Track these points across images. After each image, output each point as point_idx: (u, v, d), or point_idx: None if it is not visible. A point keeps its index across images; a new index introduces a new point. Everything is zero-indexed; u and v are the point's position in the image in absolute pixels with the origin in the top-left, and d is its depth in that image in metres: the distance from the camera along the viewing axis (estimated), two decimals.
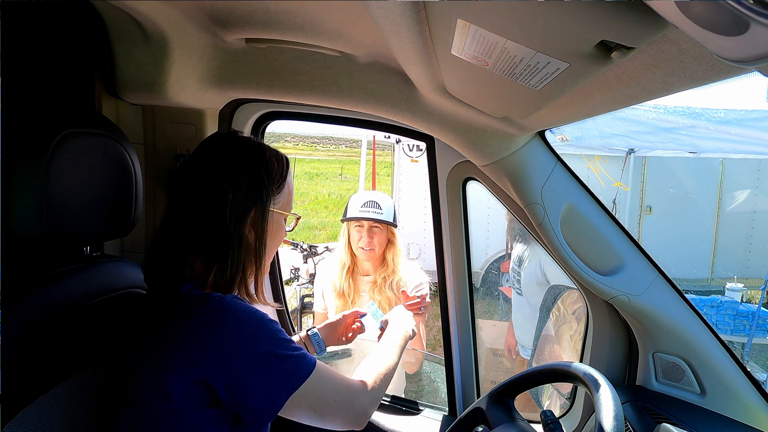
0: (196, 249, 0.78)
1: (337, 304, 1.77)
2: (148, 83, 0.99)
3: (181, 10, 0.85)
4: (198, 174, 0.79)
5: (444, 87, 0.84)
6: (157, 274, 0.80)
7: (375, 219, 1.72)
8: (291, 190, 0.88)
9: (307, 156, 24.97)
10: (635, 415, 1.00)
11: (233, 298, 0.73)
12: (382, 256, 1.77)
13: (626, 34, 0.40)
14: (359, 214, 1.73)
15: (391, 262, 1.76)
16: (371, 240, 1.72)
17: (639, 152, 5.61)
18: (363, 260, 1.77)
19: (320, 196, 14.85)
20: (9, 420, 0.63)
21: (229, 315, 0.70)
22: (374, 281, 1.76)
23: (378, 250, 1.74)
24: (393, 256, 1.76)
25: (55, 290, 0.75)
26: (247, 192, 0.78)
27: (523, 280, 2.28)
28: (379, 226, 1.73)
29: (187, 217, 0.77)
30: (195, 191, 0.78)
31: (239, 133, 0.88)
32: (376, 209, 1.74)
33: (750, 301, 5.19)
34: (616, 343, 1.15)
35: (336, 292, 1.77)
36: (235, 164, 0.79)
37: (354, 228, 1.75)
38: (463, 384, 1.30)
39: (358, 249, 1.74)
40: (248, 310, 0.72)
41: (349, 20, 0.81)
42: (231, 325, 0.69)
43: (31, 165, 0.70)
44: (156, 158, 1.19)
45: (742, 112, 5.71)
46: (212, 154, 0.81)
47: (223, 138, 0.85)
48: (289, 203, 0.88)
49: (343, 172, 19.22)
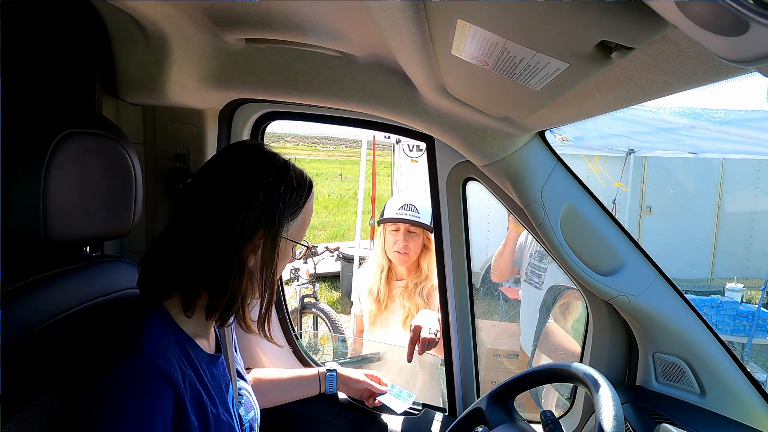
0: (191, 265, 0.72)
1: (372, 309, 1.74)
2: (148, 83, 0.99)
3: (181, 10, 0.85)
4: (211, 185, 0.74)
5: (444, 87, 0.84)
6: (146, 286, 0.77)
7: (412, 221, 1.68)
8: (307, 218, 0.81)
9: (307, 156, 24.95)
10: (635, 415, 1.00)
11: (141, 368, 0.65)
12: (417, 262, 1.72)
13: (626, 34, 0.40)
14: (396, 216, 1.69)
15: (426, 269, 1.72)
16: (407, 244, 1.68)
17: (639, 152, 5.61)
18: (397, 264, 1.73)
19: (320, 196, 14.84)
20: (9, 420, 0.63)
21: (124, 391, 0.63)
22: (406, 286, 1.73)
23: (413, 256, 1.70)
24: (428, 263, 1.72)
25: (55, 290, 0.75)
26: (260, 213, 0.73)
27: (549, 274, 2.22)
28: (415, 231, 1.69)
29: (191, 230, 0.73)
30: (204, 203, 0.74)
31: (266, 146, 0.80)
32: (413, 212, 1.70)
33: (750, 301, 5.19)
34: (616, 344, 1.15)
35: (372, 296, 1.74)
36: (253, 182, 0.73)
37: (390, 231, 1.71)
38: (463, 384, 1.30)
39: (393, 253, 1.70)
40: (139, 395, 0.64)
41: (349, 20, 0.81)
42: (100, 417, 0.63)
43: (31, 165, 0.70)
44: (156, 158, 1.19)
45: (742, 113, 5.71)
46: (231, 165, 0.75)
47: (247, 150, 0.78)
48: (302, 231, 0.81)
49: (343, 173, 19.21)
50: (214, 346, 0.86)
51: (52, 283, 0.75)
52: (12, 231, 0.70)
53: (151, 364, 0.66)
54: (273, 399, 1.17)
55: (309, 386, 1.21)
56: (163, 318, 0.74)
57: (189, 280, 0.74)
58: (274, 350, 1.40)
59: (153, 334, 0.70)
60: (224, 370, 0.84)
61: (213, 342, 0.86)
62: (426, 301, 1.71)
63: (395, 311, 1.77)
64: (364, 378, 1.24)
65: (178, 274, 0.74)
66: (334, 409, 1.27)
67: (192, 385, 0.72)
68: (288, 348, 1.43)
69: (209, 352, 0.81)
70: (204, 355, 0.78)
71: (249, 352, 1.36)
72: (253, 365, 1.35)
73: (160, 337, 0.71)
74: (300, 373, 1.23)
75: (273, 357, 1.39)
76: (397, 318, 1.76)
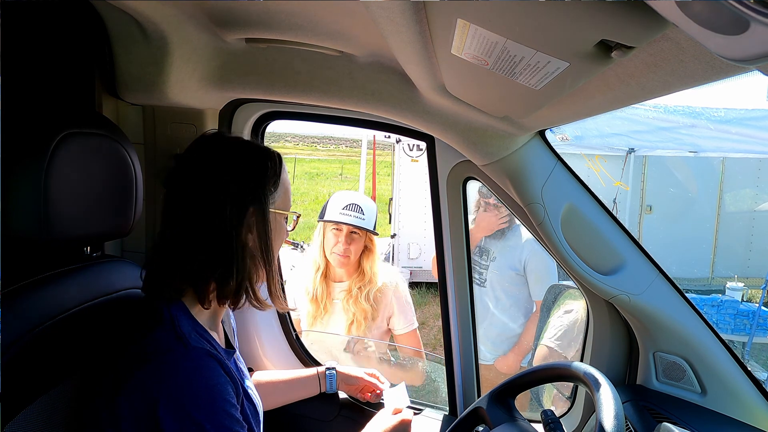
0: (195, 258, 0.74)
1: (310, 309, 1.67)
2: (148, 83, 0.99)
3: (181, 10, 0.85)
4: (190, 180, 0.76)
5: (444, 86, 0.84)
6: (151, 286, 0.78)
7: (355, 225, 1.60)
8: (288, 187, 0.85)
9: (307, 156, 24.96)
10: (636, 414, 1.00)
11: (191, 354, 0.68)
12: (357, 263, 1.65)
13: (626, 33, 0.40)
14: (339, 218, 1.61)
15: (369, 271, 1.65)
16: (348, 247, 1.60)
17: (639, 152, 5.62)
18: (335, 266, 1.66)
19: (320, 196, 14.84)
20: (9, 420, 0.63)
21: (176, 378, 0.65)
22: (349, 290, 1.66)
23: (353, 257, 1.62)
24: (371, 265, 1.65)
25: (56, 290, 0.75)
26: (241, 192, 0.76)
27: (491, 271, 2.20)
28: (358, 233, 1.61)
29: (187, 224, 0.75)
30: (188, 196, 0.76)
31: (222, 132, 0.85)
32: (358, 214, 1.62)
33: (750, 300, 5.20)
34: (617, 343, 1.15)
35: (309, 296, 1.67)
36: (224, 164, 0.76)
37: (331, 230, 1.63)
38: (464, 384, 1.30)
39: (332, 254, 1.62)
40: (200, 375, 0.67)
41: (349, 20, 0.81)
42: (174, 387, 0.65)
43: (31, 165, 0.70)
44: (156, 158, 1.19)
45: (742, 112, 5.72)
46: (201, 156, 0.78)
47: (209, 139, 0.82)
48: (287, 202, 0.85)
49: (343, 172, 19.22)
50: (224, 342, 0.88)
51: (53, 283, 0.75)
52: (12, 231, 0.70)
53: (202, 350, 0.69)
54: (273, 401, 1.17)
55: (309, 386, 1.21)
56: (185, 312, 0.75)
57: (197, 272, 0.75)
58: (274, 350, 1.40)
59: (184, 326, 0.72)
60: (237, 365, 0.86)
61: (223, 337, 0.88)
62: (374, 306, 1.64)
63: (336, 313, 1.69)
64: (363, 375, 1.24)
65: (186, 268, 0.75)
66: (334, 409, 1.27)
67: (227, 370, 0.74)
68: (288, 347, 1.43)
69: (222, 347, 0.82)
70: (221, 348, 0.80)
71: (249, 351, 1.36)
72: (254, 365, 1.35)
73: (190, 329, 0.73)
74: (299, 374, 1.23)
75: (273, 357, 1.40)
76: (339, 321, 1.68)
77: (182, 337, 0.69)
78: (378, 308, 1.67)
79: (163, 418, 0.63)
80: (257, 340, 1.37)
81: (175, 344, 0.68)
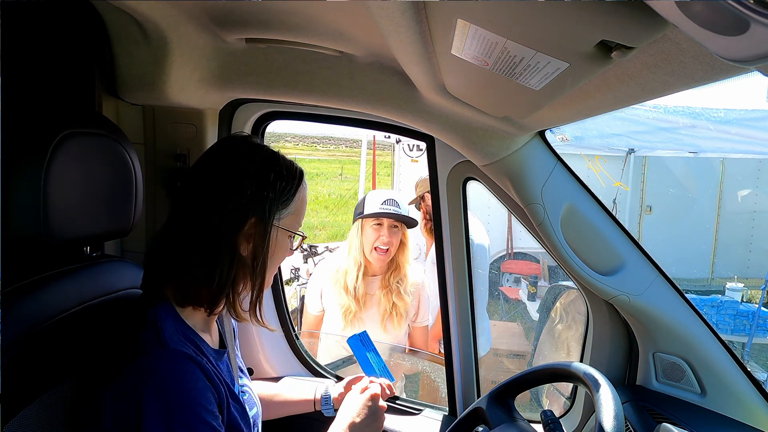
0: (184, 257, 0.74)
1: (351, 307, 1.70)
2: (148, 83, 0.99)
3: (181, 10, 0.85)
4: (202, 177, 0.77)
5: (444, 87, 0.84)
6: (143, 286, 0.78)
7: (399, 216, 1.64)
8: (301, 208, 0.82)
9: (307, 156, 24.94)
10: (635, 414, 1.00)
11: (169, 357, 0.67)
12: (393, 257, 1.71)
13: (626, 33, 0.40)
14: (381, 211, 1.64)
15: (403, 266, 1.70)
16: (390, 240, 1.65)
17: (639, 152, 5.62)
18: (374, 263, 1.70)
19: (320, 195, 14.84)
20: (9, 420, 0.63)
21: (153, 379, 0.65)
22: (386, 284, 1.70)
23: (393, 251, 1.68)
24: (405, 259, 1.71)
25: (55, 290, 0.75)
26: (249, 201, 0.75)
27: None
28: (398, 226, 1.66)
29: (185, 223, 0.75)
30: (196, 195, 0.76)
31: (254, 138, 0.83)
32: (396, 207, 1.66)
33: (750, 300, 5.19)
34: (616, 343, 1.15)
35: (351, 294, 1.70)
36: (242, 170, 0.75)
37: (371, 226, 1.67)
38: (463, 384, 1.30)
39: (373, 249, 1.67)
40: (175, 378, 0.66)
41: (349, 20, 0.81)
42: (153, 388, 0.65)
43: (31, 165, 0.70)
44: (156, 158, 1.19)
45: (742, 112, 5.72)
46: (220, 157, 0.78)
47: (234, 142, 0.81)
48: (297, 221, 0.82)
49: (343, 172, 19.21)
50: (218, 342, 0.87)
51: (53, 283, 0.76)
52: (12, 231, 0.70)
53: (181, 353, 0.68)
54: (265, 415, 1.14)
55: (303, 408, 1.17)
56: (171, 313, 0.75)
57: (182, 271, 0.75)
58: (274, 350, 1.40)
59: (167, 328, 0.71)
60: (228, 366, 0.85)
61: (216, 338, 0.87)
62: (404, 300, 1.70)
63: (371, 308, 1.74)
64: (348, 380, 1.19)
65: (172, 267, 0.75)
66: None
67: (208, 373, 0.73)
68: (288, 348, 1.43)
69: (213, 348, 0.82)
70: (210, 350, 0.79)
71: (249, 352, 1.36)
72: (253, 365, 1.35)
73: (173, 331, 0.72)
74: (294, 395, 1.18)
75: (273, 357, 1.40)
76: (373, 316, 1.73)
77: (162, 340, 0.69)
78: (413, 302, 1.72)
79: (144, 417, 0.63)
80: (257, 341, 1.37)
81: (154, 347, 0.68)
